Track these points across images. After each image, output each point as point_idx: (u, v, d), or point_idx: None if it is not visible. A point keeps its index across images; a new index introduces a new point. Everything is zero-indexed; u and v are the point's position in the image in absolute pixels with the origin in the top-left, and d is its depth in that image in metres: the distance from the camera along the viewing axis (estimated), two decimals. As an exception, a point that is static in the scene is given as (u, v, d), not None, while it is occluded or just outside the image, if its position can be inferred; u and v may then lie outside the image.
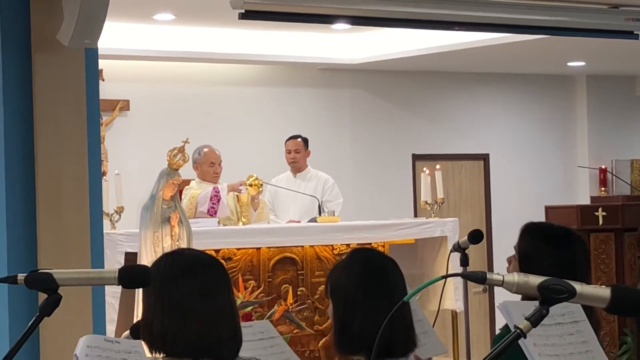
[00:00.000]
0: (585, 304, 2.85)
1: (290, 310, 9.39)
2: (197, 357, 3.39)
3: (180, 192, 9.22)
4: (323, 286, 5.84)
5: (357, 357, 3.77)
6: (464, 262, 6.60)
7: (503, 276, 2.60)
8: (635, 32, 9.51)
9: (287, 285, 9.57)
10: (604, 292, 2.55)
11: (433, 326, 6.43)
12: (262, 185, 10.54)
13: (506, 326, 4.01)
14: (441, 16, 8.73)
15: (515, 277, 2.58)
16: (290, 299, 9.58)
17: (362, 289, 3.73)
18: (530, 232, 4.42)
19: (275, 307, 9.47)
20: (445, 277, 3.35)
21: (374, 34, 12.66)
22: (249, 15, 8.14)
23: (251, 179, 10.36)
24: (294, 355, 4.32)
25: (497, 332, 4.87)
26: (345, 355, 3.87)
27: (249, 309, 9.25)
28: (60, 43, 6.91)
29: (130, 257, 8.95)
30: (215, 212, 10.38)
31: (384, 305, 3.59)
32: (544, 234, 4.43)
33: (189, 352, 3.39)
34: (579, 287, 2.53)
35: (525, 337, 2.53)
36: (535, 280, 2.55)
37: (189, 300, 3.40)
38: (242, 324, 3.97)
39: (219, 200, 10.22)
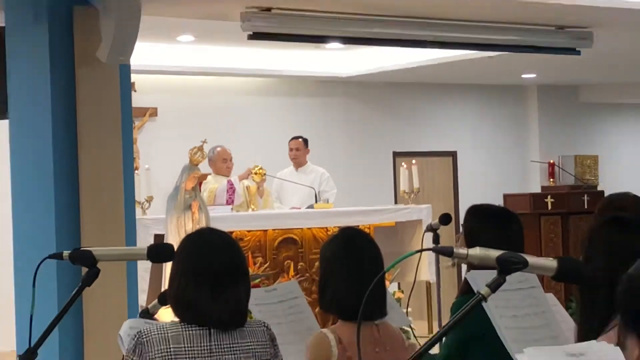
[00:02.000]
0: (536, 273, 2.89)
1: (291, 281, 9.82)
2: (204, 324, 3.37)
3: (200, 184, 9.34)
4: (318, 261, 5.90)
5: (334, 315, 3.90)
6: (436, 240, 6.81)
7: (467, 250, 2.65)
8: (577, 49, 9.69)
9: (289, 261, 9.72)
10: (552, 263, 2.59)
11: (410, 295, 6.95)
12: (265, 173, 10.62)
13: (462, 294, 4.11)
14: (416, 36, 9.03)
15: (478, 251, 2.61)
16: (292, 272, 9.69)
17: (337, 262, 3.79)
18: (474, 212, 4.32)
19: (279, 279, 9.63)
20: (420, 250, 3.39)
21: (361, 52, 12.74)
22: (256, 36, 8.48)
23: (256, 168, 10.37)
24: (311, 314, 4.25)
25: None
26: (325, 314, 4.06)
27: (257, 281, 8.98)
28: (99, 60, 7.14)
29: (159, 238, 9.08)
30: (233, 202, 10.49)
31: (354, 278, 3.68)
32: (485, 214, 4.35)
33: (198, 318, 3.35)
34: (529, 258, 2.59)
35: (486, 301, 2.57)
36: (495, 253, 2.58)
37: (200, 269, 3.35)
38: (267, 287, 4.25)
39: (234, 192, 10.23)
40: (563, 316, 3.97)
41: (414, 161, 11.59)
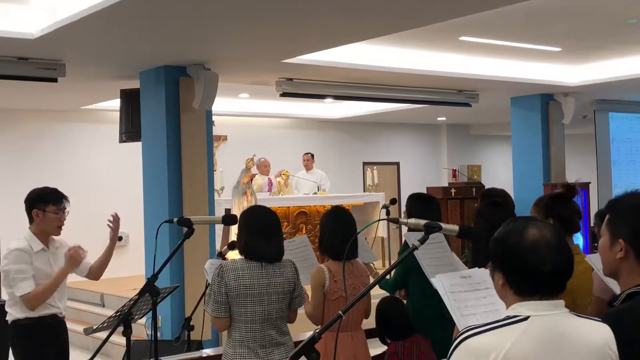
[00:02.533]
0: (446, 233, 3.04)
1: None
2: (260, 260, 3.68)
3: (251, 180, 9.79)
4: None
5: (327, 257, 4.17)
6: (387, 214, 7.40)
7: (407, 220, 2.99)
8: (469, 104, 10.65)
9: (302, 224, 10.56)
10: (455, 227, 2.92)
11: (372, 245, 7.25)
12: (288, 175, 11.30)
13: (403, 245, 4.68)
14: (376, 95, 9.89)
15: (413, 220, 2.93)
16: (304, 231, 10.43)
17: (330, 224, 4.22)
18: (411, 197, 4.80)
19: (297, 235, 9.91)
20: (379, 220, 4.84)
21: (345, 104, 13.24)
22: (284, 95, 9.13)
23: (284, 171, 11.24)
24: (314, 256, 4.55)
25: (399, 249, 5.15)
26: (322, 256, 4.26)
27: (283, 236, 9.53)
28: (194, 107, 7.77)
29: (227, 211, 9.11)
30: (270, 190, 10.93)
31: (339, 234, 4.10)
32: (417, 198, 4.82)
33: (256, 256, 3.68)
34: (443, 224, 2.87)
35: (417, 249, 2.83)
36: (422, 221, 2.88)
37: (256, 228, 3.75)
38: (289, 240, 4.48)
39: (271, 185, 10.98)
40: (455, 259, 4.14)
41: (375, 168, 12.38)
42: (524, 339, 1.95)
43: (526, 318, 1.99)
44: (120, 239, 4.74)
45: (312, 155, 12.08)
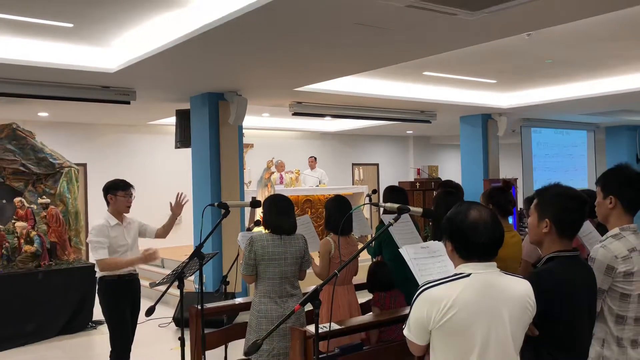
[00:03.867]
0: (413, 214, 2.92)
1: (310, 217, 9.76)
2: (280, 233, 3.62)
3: (270, 176, 9.69)
4: (323, 209, 5.69)
5: (332, 232, 4.05)
6: (370, 201, 7.38)
7: (385, 204, 2.92)
8: (430, 121, 10.48)
9: (308, 209, 10.23)
10: (420, 209, 2.91)
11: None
12: (299, 173, 11.18)
13: (380, 223, 4.58)
14: (362, 114, 9.75)
15: (389, 204, 2.88)
16: (309, 213, 10.09)
17: (333, 208, 4.13)
18: (387, 188, 4.75)
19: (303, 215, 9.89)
20: (363, 204, 4.14)
21: (339, 121, 12.57)
22: (295, 114, 9.09)
23: (295, 170, 11.26)
24: (314, 230, 4.47)
25: (376, 226, 5.11)
26: (328, 232, 4.11)
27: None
28: (229, 123, 7.75)
29: (254, 198, 8.46)
30: (282, 183, 10.80)
31: (340, 214, 4.02)
32: (391, 189, 4.74)
33: (278, 231, 3.62)
34: (411, 207, 2.85)
35: (392, 226, 2.75)
36: (396, 205, 2.82)
37: (276, 210, 3.70)
38: (297, 217, 4.17)
39: (282, 179, 10.85)
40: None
41: (361, 168, 12.52)
42: (467, 289, 1.98)
43: (468, 275, 2.02)
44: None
45: (315, 158, 12.07)
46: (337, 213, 4.01)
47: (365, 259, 6.04)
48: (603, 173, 2.53)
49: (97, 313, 6.96)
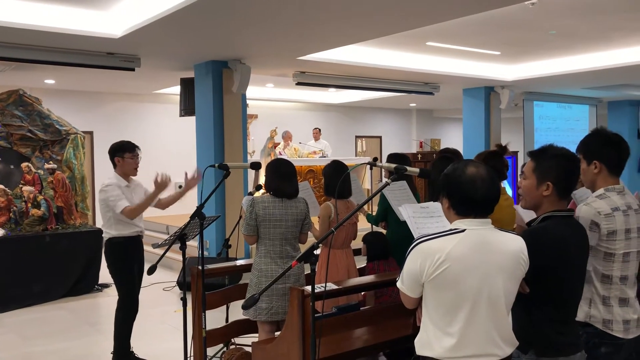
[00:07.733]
0: (411, 174, 2.85)
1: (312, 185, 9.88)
2: (281, 197, 3.66)
3: (276, 146, 9.93)
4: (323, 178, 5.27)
5: (331, 197, 4.05)
6: (371, 168, 6.07)
7: (383, 163, 3.09)
8: (433, 92, 10.26)
9: (310, 178, 10.29)
10: (417, 169, 2.86)
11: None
12: (298, 149, 11.03)
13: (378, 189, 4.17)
14: (366, 85, 9.72)
15: (386, 164, 3.04)
16: (311, 183, 10.05)
17: (331, 173, 4.11)
18: (391, 155, 4.60)
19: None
20: (362, 164, 4.16)
21: (344, 92, 12.77)
22: (299, 84, 8.98)
23: (295, 145, 11.10)
24: (314, 196, 4.45)
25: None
26: (327, 197, 4.11)
27: None
28: (233, 91, 7.66)
29: (257, 164, 9.26)
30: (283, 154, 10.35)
31: (339, 177, 3.99)
32: (394, 155, 4.60)
33: (279, 194, 3.66)
34: (408, 168, 2.81)
35: (388, 185, 2.77)
36: (394, 165, 2.87)
37: (279, 174, 3.69)
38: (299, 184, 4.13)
39: (282, 155, 10.30)
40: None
41: (363, 140, 12.34)
42: (461, 244, 1.95)
43: (463, 230, 1.99)
44: (180, 186, 4.74)
45: (319, 130, 12.04)
46: (335, 177, 3.99)
47: (365, 228, 5.97)
48: (582, 140, 2.48)
49: (103, 276, 7.07)
